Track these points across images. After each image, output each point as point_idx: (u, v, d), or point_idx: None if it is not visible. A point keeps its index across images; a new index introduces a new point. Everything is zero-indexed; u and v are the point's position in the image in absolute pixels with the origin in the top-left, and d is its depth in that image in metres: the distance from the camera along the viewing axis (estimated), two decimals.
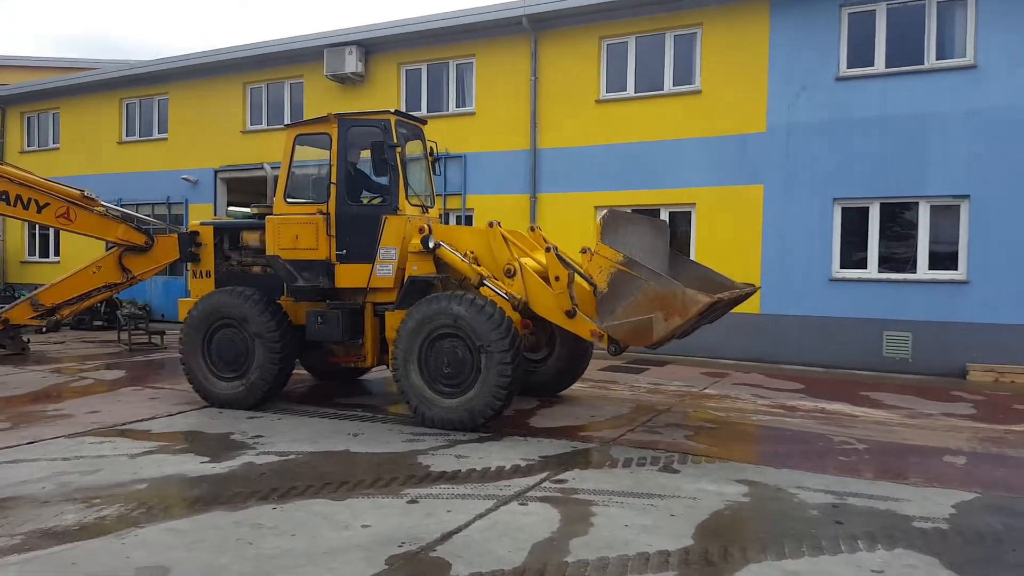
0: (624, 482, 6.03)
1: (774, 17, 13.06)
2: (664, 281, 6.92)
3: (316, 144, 8.95)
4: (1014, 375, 11.25)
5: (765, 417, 8.70)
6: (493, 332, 7.34)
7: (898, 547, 4.70)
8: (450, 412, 7.59)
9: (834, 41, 12.67)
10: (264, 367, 8.45)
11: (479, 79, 15.76)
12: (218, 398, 8.71)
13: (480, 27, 15.34)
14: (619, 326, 7.07)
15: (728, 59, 13.38)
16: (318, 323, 8.44)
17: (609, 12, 14.19)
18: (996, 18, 11.60)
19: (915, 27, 12.27)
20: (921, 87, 12.12)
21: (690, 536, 4.87)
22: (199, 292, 9.41)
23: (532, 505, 5.44)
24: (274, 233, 8.59)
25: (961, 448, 7.32)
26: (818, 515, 5.30)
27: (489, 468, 6.36)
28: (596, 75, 14.55)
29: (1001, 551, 4.69)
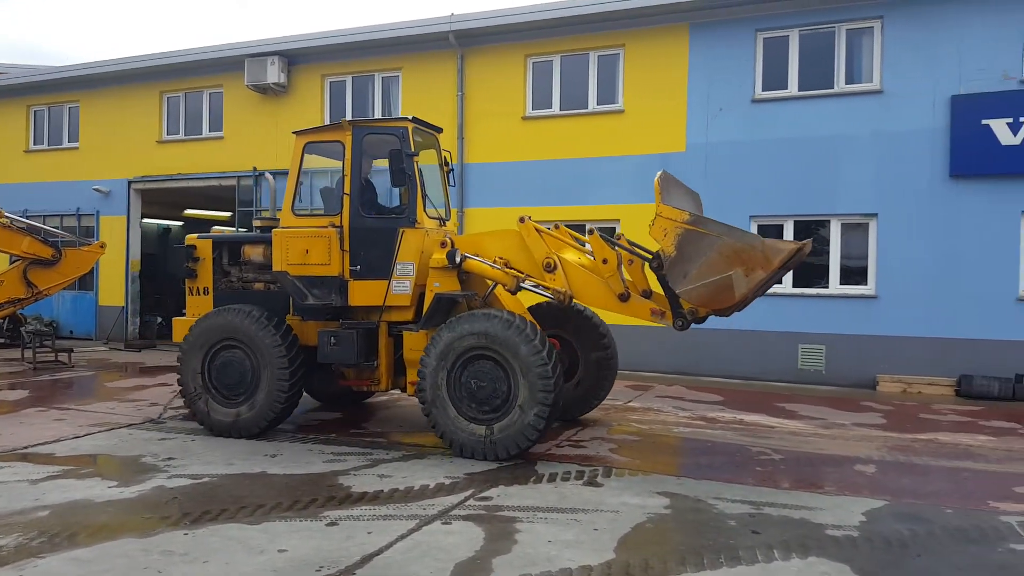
0: (548, 497, 6.01)
1: (693, 40, 13.47)
2: (739, 234, 6.44)
3: (327, 152, 8.46)
4: (921, 386, 11.81)
5: (686, 429, 8.86)
6: (532, 356, 6.85)
7: (811, 555, 4.83)
8: (483, 439, 7.03)
9: (750, 64, 13.15)
10: (272, 392, 7.81)
11: (405, 93, 15.68)
12: (219, 425, 8.04)
13: (406, 41, 15.28)
14: (695, 290, 6.57)
15: (649, 80, 13.71)
16: (331, 344, 7.81)
17: (535, 31, 14.36)
18: (900, 45, 12.26)
19: (826, 52, 12.85)
20: (832, 110, 12.68)
21: (612, 550, 4.88)
22: (196, 311, 8.79)
23: (456, 524, 5.37)
24: (282, 247, 8.02)
25: (871, 457, 7.61)
26: (736, 525, 5.40)
27: (412, 487, 6.25)
28: (522, 92, 14.68)
29: (907, 556, 4.87)
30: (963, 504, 6.00)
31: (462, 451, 7.12)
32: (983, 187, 11.75)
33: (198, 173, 17.69)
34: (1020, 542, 5.12)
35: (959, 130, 11.80)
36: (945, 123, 11.93)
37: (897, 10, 12.27)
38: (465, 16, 14.51)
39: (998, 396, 11.12)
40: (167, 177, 18.02)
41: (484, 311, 7.21)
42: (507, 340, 6.91)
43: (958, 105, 11.81)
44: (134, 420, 9.00)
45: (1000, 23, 11.70)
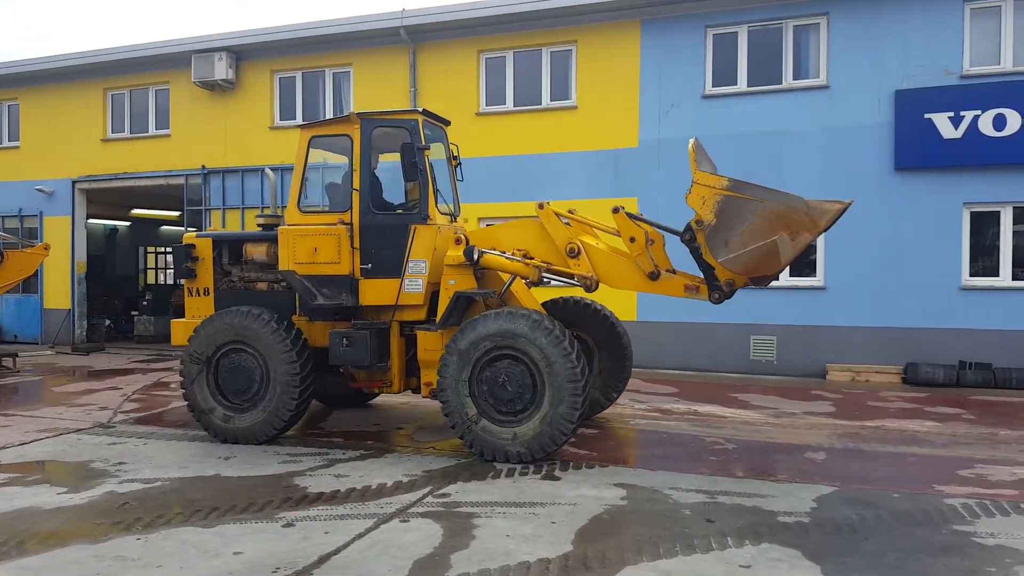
0: (507, 492, 6.03)
1: (644, 36, 13.60)
2: (781, 196, 6.24)
3: (334, 147, 8.17)
4: (869, 374, 12.14)
5: (643, 421, 8.96)
6: (562, 357, 6.64)
7: (764, 542, 4.93)
8: (509, 443, 6.83)
9: (700, 60, 13.33)
10: (283, 396, 7.52)
11: (357, 89, 15.52)
12: (226, 431, 7.73)
13: (357, 36, 15.12)
14: (738, 258, 6.39)
15: (602, 76, 13.81)
16: (343, 345, 7.52)
17: (487, 26, 14.33)
18: (845, 41, 12.56)
19: (774, 48, 13.10)
20: (780, 105, 12.93)
21: (570, 542, 4.92)
22: (196, 312, 8.47)
23: (414, 521, 5.35)
24: (289, 245, 7.71)
25: (821, 444, 7.79)
26: (691, 514, 5.49)
27: (370, 486, 6.21)
28: (476, 88, 14.65)
29: (856, 540, 5.00)
30: (909, 488, 6.19)
31: (483, 453, 6.90)
32: (927, 179, 12.12)
33: (145, 172, 17.27)
34: (963, 524, 5.30)
35: (903, 124, 12.14)
36: (890, 117, 12.26)
37: (842, 7, 12.56)
38: (417, 11, 14.42)
39: (943, 383, 11.49)
40: (113, 176, 17.54)
41: (509, 309, 6.96)
42: (535, 340, 6.69)
43: (902, 100, 12.15)
44: (83, 425, 8.75)
45: (941, 21, 12.06)
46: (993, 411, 9.60)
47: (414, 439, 8.08)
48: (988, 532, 5.11)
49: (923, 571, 4.48)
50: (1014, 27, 11.93)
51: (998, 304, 11.79)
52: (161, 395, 11.01)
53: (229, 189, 16.49)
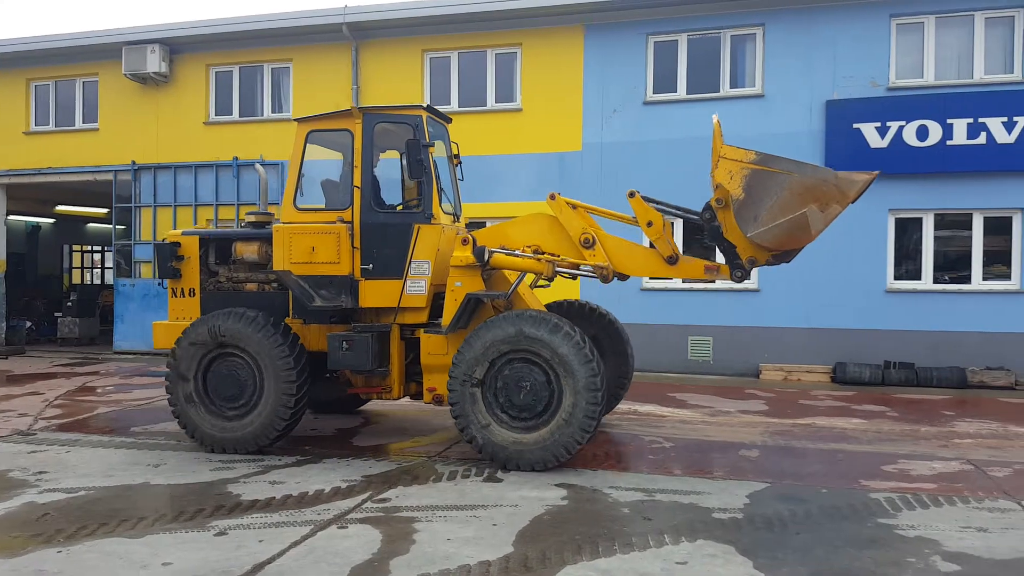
0: (448, 496, 5.99)
1: (588, 42, 13.73)
2: (810, 169, 6.23)
3: (332, 142, 7.92)
4: (800, 373, 12.52)
5: None
6: (583, 364, 6.48)
7: (700, 538, 5.04)
8: (525, 449, 6.61)
9: (642, 67, 13.53)
10: (278, 402, 7.15)
11: (297, 85, 15.24)
12: (215, 440, 7.32)
13: (297, 32, 14.85)
14: (768, 231, 6.29)
15: (546, 79, 13.89)
16: (343, 349, 7.20)
17: (431, 26, 14.26)
18: (780, 52, 12.94)
19: (712, 58, 13.40)
20: (718, 112, 13.17)
21: (511, 544, 4.92)
22: (181, 314, 8.05)
23: (352, 527, 5.27)
24: (284, 244, 7.36)
25: (755, 442, 8.00)
26: (629, 513, 5.57)
27: (307, 492, 6.09)
28: (420, 88, 14.54)
29: (787, 535, 5.15)
30: (837, 484, 6.40)
31: (494, 459, 6.71)
32: None
33: (71, 167, 16.57)
34: (887, 517, 5.51)
35: (833, 133, 12.57)
36: (820, 126, 12.68)
37: (778, 19, 12.94)
38: (359, 8, 14.24)
39: (869, 382, 11.94)
40: (36, 171, 16.77)
41: (528, 312, 6.76)
42: (554, 344, 6.51)
43: (832, 110, 12.58)
44: (1, 433, 8.34)
45: (869, 35, 12.54)
46: (915, 408, 10.02)
47: (354, 444, 7.96)
48: (909, 524, 5.33)
49: (850, 564, 4.64)
50: (936, 43, 12.48)
51: (921, 306, 12.32)
52: (86, 400, 10.58)
53: (161, 186, 15.96)
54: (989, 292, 12.16)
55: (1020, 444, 7.89)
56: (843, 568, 4.57)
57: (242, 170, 15.44)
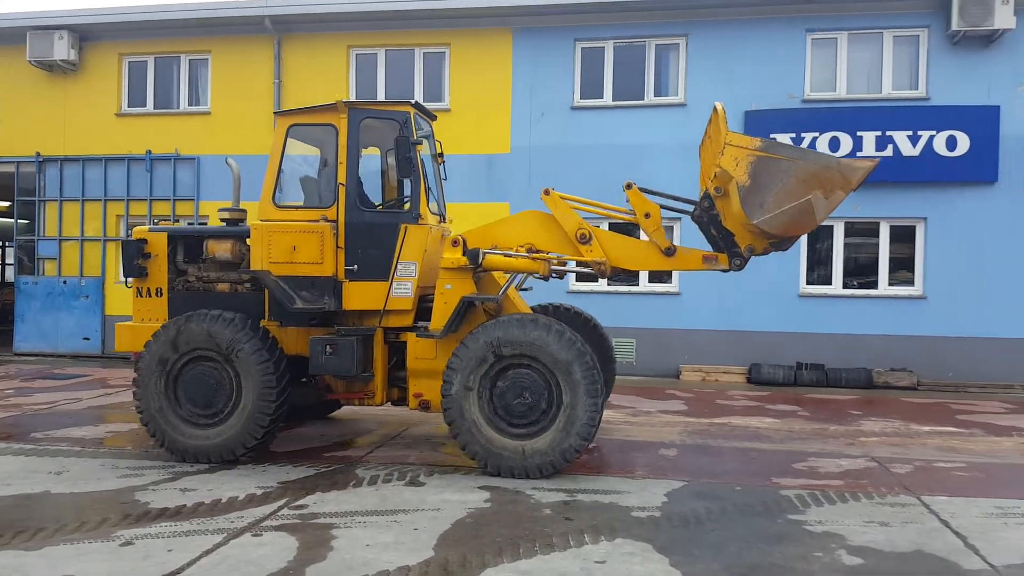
0: (368, 501, 5.90)
1: (517, 45, 13.79)
2: (813, 156, 6.34)
3: (314, 137, 7.63)
4: (717, 374, 12.89)
5: None
6: (581, 366, 6.41)
7: (619, 537, 5.11)
8: (523, 457, 6.50)
9: (569, 72, 13.67)
10: (257, 410, 6.80)
11: (216, 78, 14.74)
12: (189, 449, 6.93)
13: (217, 23, 14.36)
14: (774, 218, 6.34)
15: (475, 80, 13.87)
16: (327, 353, 6.89)
17: (358, 22, 14.03)
18: (702, 63, 13.29)
19: (638, 66, 13.65)
20: (642, 120, 13.49)
21: (431, 548, 4.88)
22: (146, 315, 7.61)
23: (267, 535, 5.12)
24: (263, 243, 6.99)
25: (674, 441, 8.18)
26: (551, 513, 5.60)
27: (220, 500, 5.89)
28: (345, 84, 14.29)
29: (702, 532, 5.28)
30: (751, 481, 6.62)
31: (486, 466, 6.57)
32: None
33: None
34: (796, 513, 5.72)
35: None
36: None
37: (700, 30, 13.28)
38: (283, 1, 13.89)
39: (782, 382, 12.39)
40: None
41: (529, 317, 6.67)
42: (554, 349, 6.43)
43: (751, 120, 12.99)
44: None
45: (786, 48, 13.01)
46: (824, 408, 10.45)
47: (271, 449, 7.73)
48: (817, 520, 5.55)
49: (760, 559, 4.79)
50: (848, 58, 13.06)
51: (831, 310, 12.86)
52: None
53: (68, 179, 15.16)
54: (894, 297, 12.80)
55: (921, 442, 8.33)
56: (754, 563, 4.72)
57: (156, 164, 14.84)
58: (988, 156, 12.22)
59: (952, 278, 12.50)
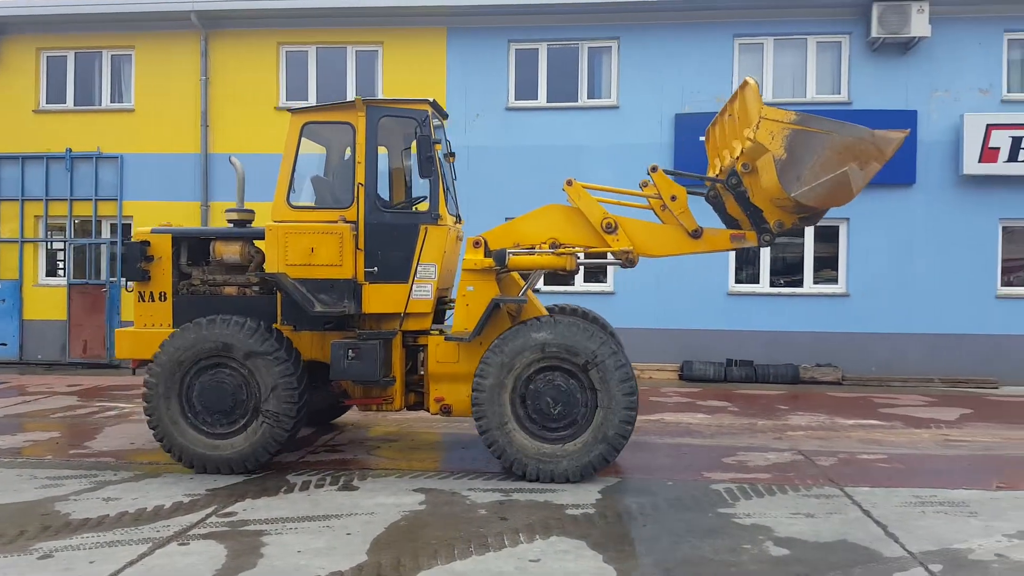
0: (300, 506, 5.79)
1: (451, 45, 13.75)
2: (848, 128, 6.31)
3: (329, 136, 7.42)
4: (651, 371, 13.12)
5: (444, 424, 9.01)
6: (617, 370, 6.35)
7: (553, 535, 5.15)
8: (545, 461, 6.41)
9: (504, 73, 13.72)
10: (276, 418, 6.59)
11: (139, 74, 14.25)
12: (204, 459, 6.65)
13: (141, 18, 13.87)
14: (811, 190, 6.30)
15: (409, 80, 13.74)
16: (349, 358, 6.65)
17: (288, 19, 13.77)
18: (634, 66, 13.51)
19: (571, 68, 13.79)
20: (576, 121, 13.63)
21: (365, 552, 4.82)
22: (150, 320, 7.27)
23: (194, 544, 4.97)
24: (279, 245, 6.75)
25: None
26: (486, 514, 5.60)
27: (145, 509, 5.69)
28: (275, 82, 14.00)
29: (635, 527, 5.37)
30: (682, 476, 6.76)
31: (526, 474, 6.46)
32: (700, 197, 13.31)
33: None
34: (726, 506, 5.87)
35: (681, 146, 13.25)
36: (670, 139, 13.35)
37: (631, 33, 13.50)
38: None
39: (713, 379, 12.70)
40: None
41: (564, 319, 6.60)
42: (591, 351, 6.36)
43: (681, 123, 13.28)
44: None
45: (714, 53, 13.34)
46: (753, 403, 10.75)
47: None
48: (746, 513, 5.70)
49: (691, 552, 4.89)
50: (774, 63, 13.48)
51: (759, 308, 13.25)
52: None
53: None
54: (819, 295, 13.27)
55: (845, 435, 8.65)
56: (685, 557, 4.81)
57: (76, 163, 14.25)
58: (906, 159, 12.75)
59: (873, 276, 13.04)
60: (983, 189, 12.85)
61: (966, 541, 5.11)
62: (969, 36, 12.92)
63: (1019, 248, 13.12)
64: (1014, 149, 12.45)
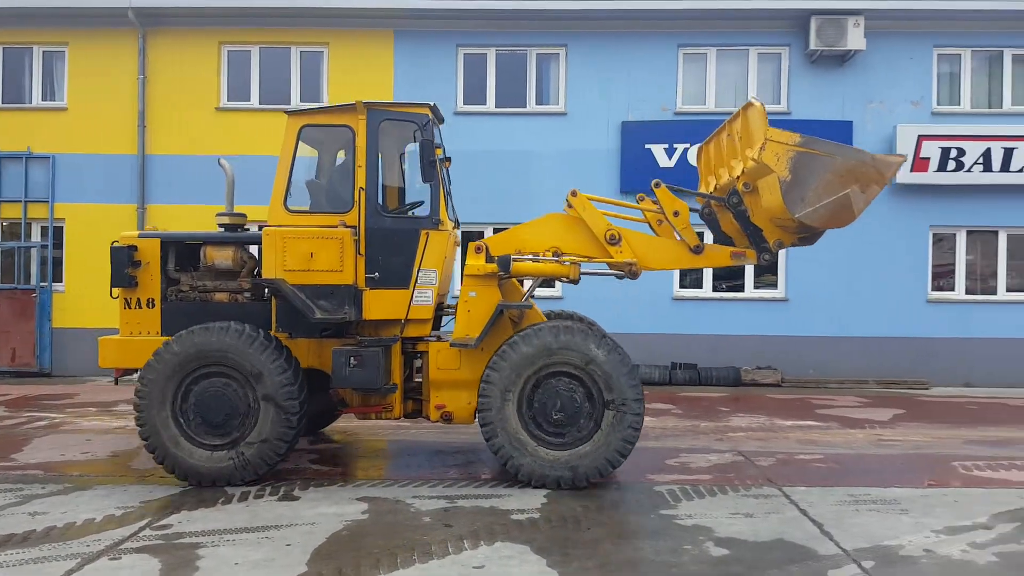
0: (238, 518, 5.64)
1: (398, 47, 13.66)
2: (849, 151, 6.50)
3: (327, 139, 7.27)
4: None
5: (389, 431, 8.92)
6: (625, 375, 6.37)
7: (498, 540, 5.13)
8: (553, 468, 6.38)
9: (452, 78, 13.68)
10: (276, 428, 6.38)
11: (73, 71, 13.76)
12: (198, 472, 6.40)
13: (75, 13, 13.40)
14: (815, 211, 6.42)
15: (355, 82, 13.58)
16: (351, 366, 6.51)
17: (229, 18, 13.48)
18: (581, 73, 13.64)
19: (520, 73, 13.85)
20: (525, 127, 13.68)
21: (305, 564, 4.72)
22: (136, 328, 6.97)
23: (126, 558, 4.80)
24: (277, 250, 6.53)
25: None
26: (431, 521, 5.55)
27: (74, 523, 5.47)
28: (216, 81, 13.70)
29: (580, 531, 5.38)
30: (627, 479, 6.82)
31: (532, 481, 6.42)
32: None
33: None
34: (668, 508, 5.94)
35: (627, 152, 13.44)
36: (616, 145, 13.52)
37: (579, 41, 13.63)
38: None
39: (658, 382, 12.87)
40: None
41: (571, 325, 6.57)
42: (598, 357, 6.39)
43: (627, 130, 13.46)
44: None
45: (660, 62, 13.57)
46: (697, 406, 10.92)
47: (133, 467, 7.27)
48: (687, 514, 5.78)
49: (633, 554, 4.94)
50: (717, 73, 13.76)
51: (702, 312, 13.49)
52: None
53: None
54: (759, 300, 13.58)
55: (783, 435, 8.85)
56: (627, 559, 4.85)
57: (5, 162, 13.69)
58: None
59: (812, 282, 13.40)
60: (915, 198, 13.35)
61: (897, 538, 5.27)
62: (902, 50, 13.43)
63: (948, 254, 13.67)
64: (943, 159, 12.98)
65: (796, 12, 13.09)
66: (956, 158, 12.95)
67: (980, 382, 13.18)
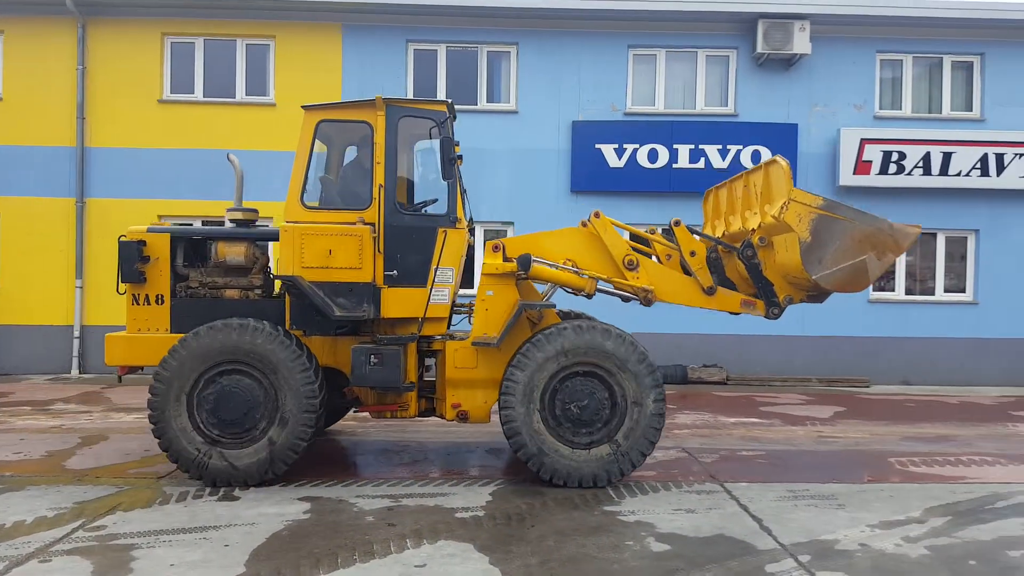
0: (176, 518, 5.51)
1: (347, 42, 13.49)
2: (868, 218, 6.47)
3: (344, 135, 7.15)
4: None
5: (335, 430, 8.81)
6: (648, 378, 6.44)
7: (441, 539, 5.11)
8: (580, 465, 6.39)
9: (402, 74, 13.57)
10: (296, 426, 6.29)
11: (8, 60, 13.26)
12: (214, 470, 6.27)
13: (10, 0, 12.93)
14: (832, 275, 6.44)
15: (302, 77, 13.40)
16: (371, 364, 6.42)
17: (173, 9, 13.16)
18: (532, 72, 13.66)
19: (470, 71, 13.80)
20: (476, 126, 13.59)
21: (243, 564, 4.64)
22: (145, 324, 6.81)
23: (57, 560, 4.65)
24: (295, 246, 6.44)
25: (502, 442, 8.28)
26: (374, 520, 5.50)
27: (3, 525, 5.28)
28: (159, 73, 13.34)
29: (524, 528, 5.40)
30: None
31: (553, 479, 6.40)
32: (596, 202, 13.49)
33: None
34: (612, 504, 5.99)
35: (578, 152, 13.53)
36: (567, 145, 13.58)
37: (529, 39, 13.65)
38: None
39: None
40: None
41: (597, 324, 6.62)
42: (623, 357, 6.46)
43: (577, 130, 13.54)
44: None
45: (610, 62, 13.68)
46: None
47: (67, 467, 7.04)
48: (630, 510, 5.84)
49: (576, 551, 4.96)
50: (666, 74, 13.93)
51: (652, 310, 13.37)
52: None
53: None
54: None
55: (727, 432, 9.02)
56: (569, 555, 4.87)
57: None
58: None
59: None
60: (858, 200, 13.50)
61: (833, 532, 5.40)
62: (845, 55, 13.79)
63: None
64: (885, 162, 13.38)
65: (744, 16, 13.34)
66: (897, 161, 13.37)
67: (918, 380, 13.63)
